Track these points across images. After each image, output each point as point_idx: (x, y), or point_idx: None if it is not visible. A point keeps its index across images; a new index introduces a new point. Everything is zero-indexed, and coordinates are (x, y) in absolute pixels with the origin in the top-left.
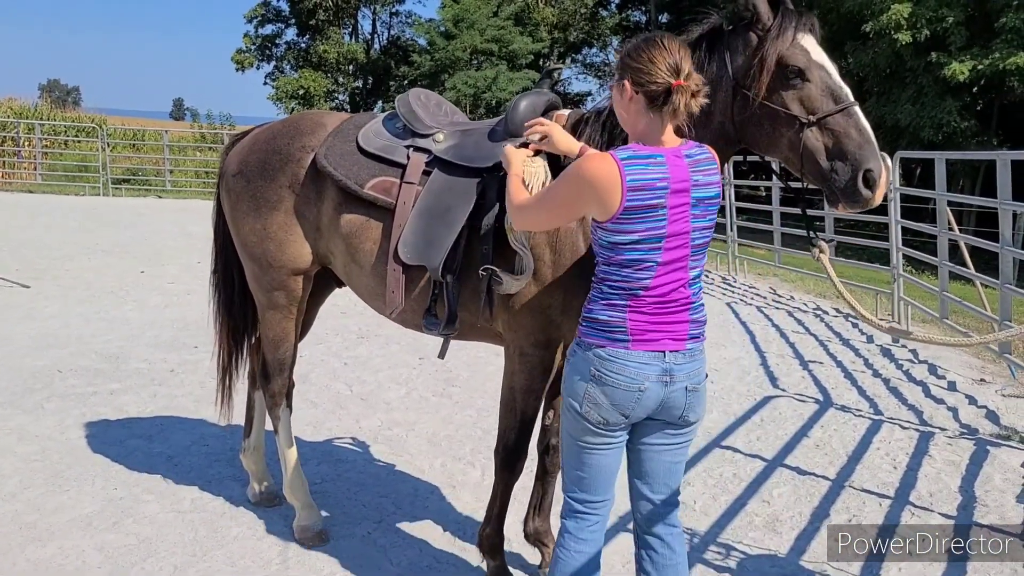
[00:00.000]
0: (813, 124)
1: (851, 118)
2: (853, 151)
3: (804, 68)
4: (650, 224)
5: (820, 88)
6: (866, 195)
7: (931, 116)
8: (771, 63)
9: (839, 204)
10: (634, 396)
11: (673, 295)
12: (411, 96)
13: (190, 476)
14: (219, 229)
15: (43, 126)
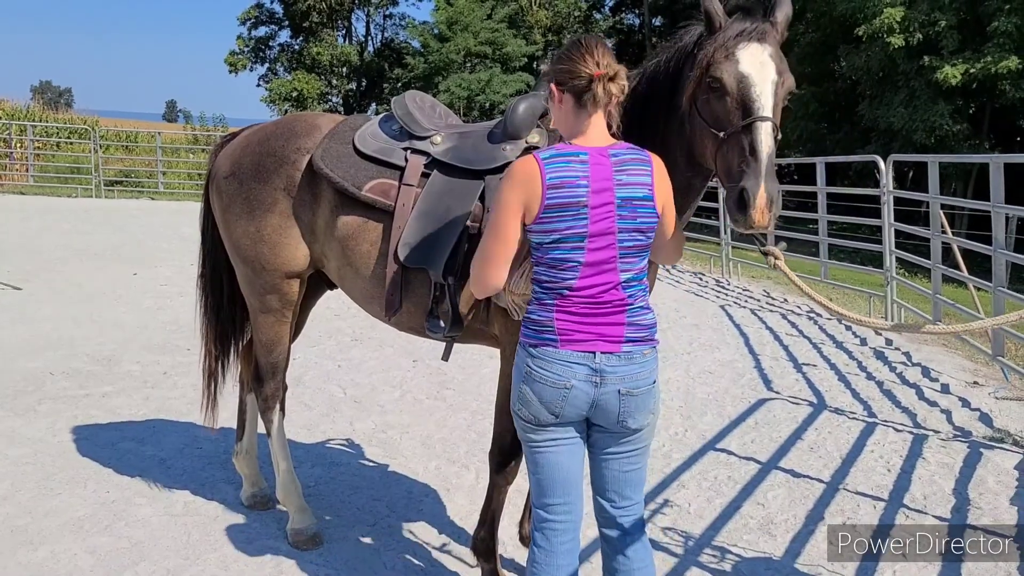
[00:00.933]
0: (724, 140)
1: (749, 135)
2: (738, 169)
3: (723, 79)
4: (570, 223)
5: (736, 101)
6: (738, 218)
7: (924, 119)
8: (697, 71)
9: (732, 222)
10: (560, 394)
11: (604, 296)
12: (407, 98)
13: (183, 479)
14: (207, 231)
15: (35, 128)
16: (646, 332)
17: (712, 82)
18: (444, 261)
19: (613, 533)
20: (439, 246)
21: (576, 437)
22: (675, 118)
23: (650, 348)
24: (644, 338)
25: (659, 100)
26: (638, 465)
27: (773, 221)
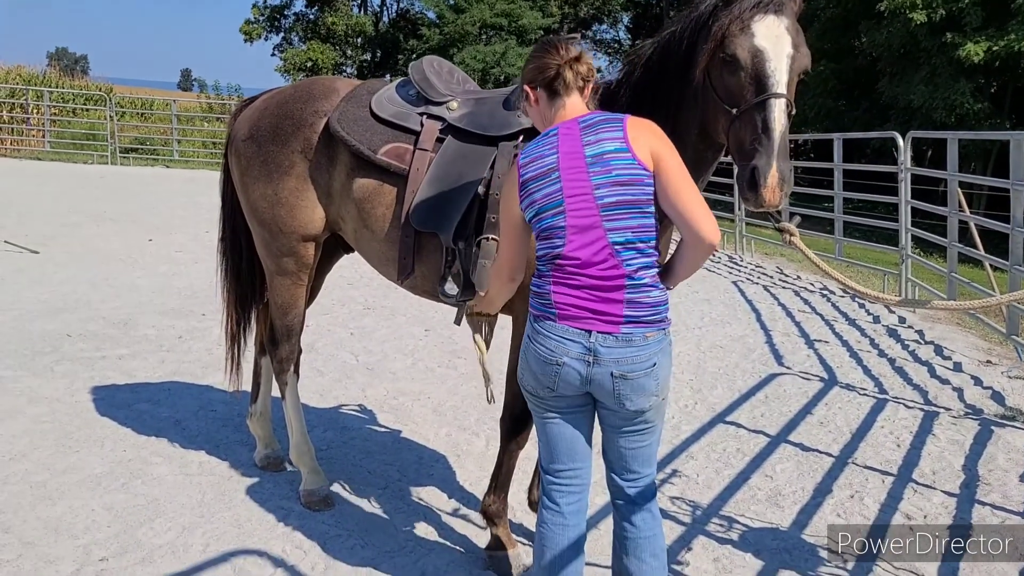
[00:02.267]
0: (737, 116)
1: (762, 112)
2: (750, 147)
3: (737, 55)
4: (546, 189)
5: (749, 76)
6: (748, 196)
7: (944, 97)
8: (711, 44)
9: (742, 199)
10: (552, 369)
11: (599, 265)
12: (425, 63)
13: (198, 440)
14: (227, 196)
15: (51, 94)
16: (648, 311)
17: (726, 56)
18: (455, 226)
19: (621, 503)
20: (450, 211)
21: (581, 409)
22: (688, 90)
23: (655, 331)
24: (647, 319)
25: (672, 72)
26: (645, 443)
27: (785, 200)
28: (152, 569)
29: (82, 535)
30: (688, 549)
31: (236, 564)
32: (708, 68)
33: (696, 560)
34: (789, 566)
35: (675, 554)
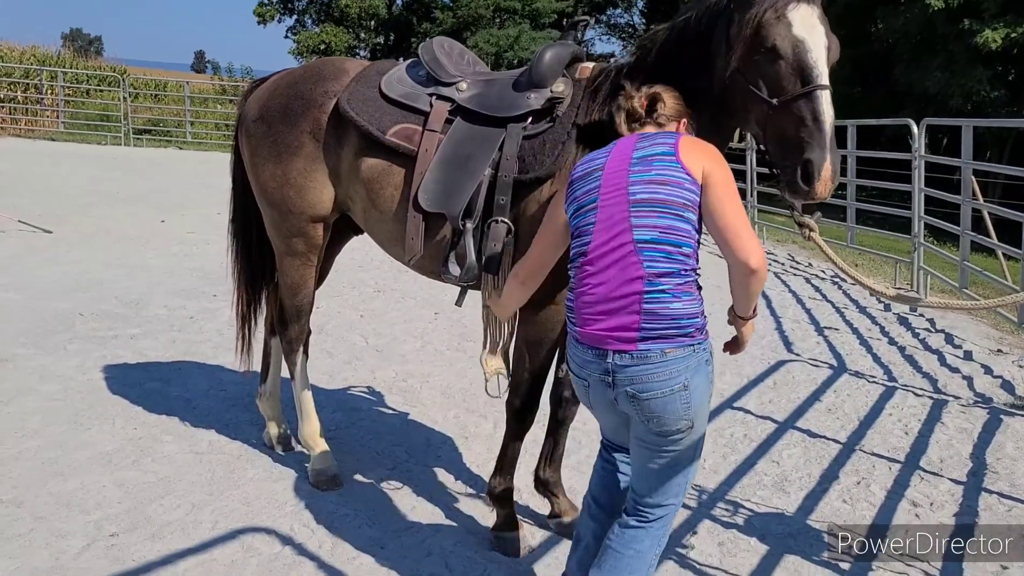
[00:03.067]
0: (778, 107)
1: (811, 103)
2: (801, 139)
3: (777, 44)
4: (587, 187)
5: (791, 67)
6: (802, 188)
7: (961, 84)
8: (747, 32)
9: (785, 193)
10: (582, 387)
11: (619, 269)
12: (435, 44)
13: (207, 419)
14: (238, 177)
15: (66, 74)
16: (668, 324)
17: (763, 46)
18: (462, 207)
19: (623, 514)
20: (457, 192)
21: (623, 423)
22: (704, 77)
23: (676, 347)
24: (666, 333)
25: (688, 57)
26: (664, 462)
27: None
28: (162, 545)
29: (93, 511)
30: (693, 533)
31: (245, 541)
32: (743, 57)
33: (701, 544)
34: (794, 551)
35: (680, 537)
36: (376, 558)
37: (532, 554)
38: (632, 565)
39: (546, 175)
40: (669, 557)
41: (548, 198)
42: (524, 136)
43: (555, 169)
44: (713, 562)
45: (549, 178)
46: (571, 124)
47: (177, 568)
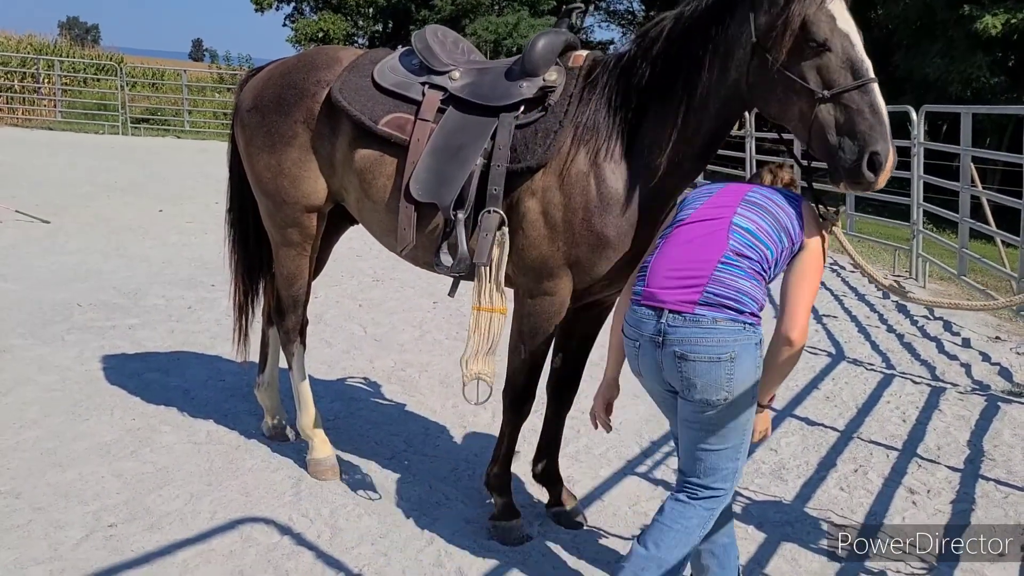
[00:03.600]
0: (828, 99)
1: (867, 95)
2: (863, 131)
3: (827, 37)
4: (700, 198)
5: (840, 60)
6: (869, 177)
7: (960, 71)
8: (795, 26)
9: (840, 182)
10: (633, 349)
11: (705, 228)
12: (428, 32)
13: (206, 409)
14: (234, 167)
15: (63, 63)
16: (730, 294)
17: (814, 39)
18: (454, 197)
19: (676, 491)
20: (449, 182)
21: (669, 397)
22: (719, 67)
23: (728, 318)
24: (724, 302)
25: (698, 47)
26: (712, 446)
27: None
28: (160, 535)
29: (91, 501)
30: None
31: (243, 531)
32: (787, 50)
33: None
34: (791, 539)
35: None
36: (375, 547)
37: (530, 543)
38: (677, 539)
39: (538, 164)
40: None
41: (542, 189)
42: (516, 125)
43: (547, 158)
44: None
45: (541, 167)
46: (563, 113)
47: (176, 558)
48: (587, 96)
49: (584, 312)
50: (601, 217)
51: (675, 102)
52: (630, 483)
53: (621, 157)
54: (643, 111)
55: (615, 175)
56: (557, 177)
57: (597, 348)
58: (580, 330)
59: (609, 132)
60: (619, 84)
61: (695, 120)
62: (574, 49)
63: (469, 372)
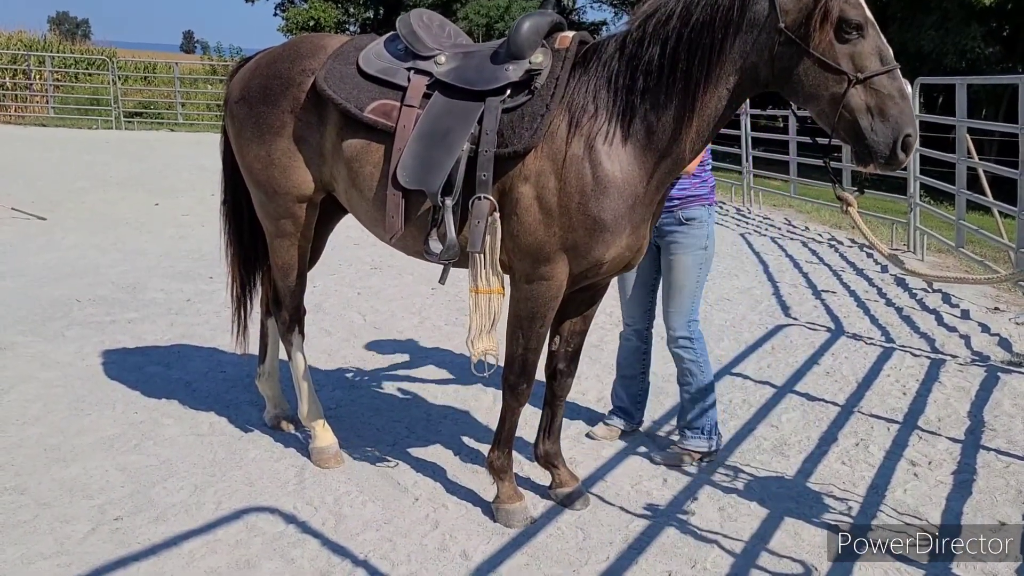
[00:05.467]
0: (860, 82)
1: (895, 81)
2: (895, 114)
3: (862, 24)
4: None
5: (872, 45)
6: (902, 158)
7: (955, 42)
8: (835, 16)
9: (871, 164)
10: None
11: None
12: (413, 17)
13: (208, 401)
14: (227, 159)
15: (54, 59)
16: None
17: (849, 24)
18: (441, 183)
19: None
20: (436, 168)
21: None
22: (736, 46)
23: None
24: None
25: (719, 26)
26: None
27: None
28: (166, 527)
29: (97, 495)
30: (694, 499)
31: (248, 521)
32: (821, 34)
33: (701, 509)
34: (794, 514)
35: (681, 504)
36: (380, 533)
37: (534, 525)
38: None
39: (525, 148)
40: (670, 523)
41: (535, 174)
42: (503, 109)
43: (534, 143)
44: (714, 527)
45: (528, 151)
46: (550, 96)
47: (182, 549)
48: (580, 78)
49: (580, 294)
50: (598, 201)
51: (687, 84)
52: (632, 463)
53: (621, 140)
54: (647, 93)
55: (612, 159)
56: (551, 161)
57: (595, 330)
58: (576, 312)
59: (609, 115)
60: (622, 66)
61: (706, 102)
62: (561, 30)
63: (476, 351)
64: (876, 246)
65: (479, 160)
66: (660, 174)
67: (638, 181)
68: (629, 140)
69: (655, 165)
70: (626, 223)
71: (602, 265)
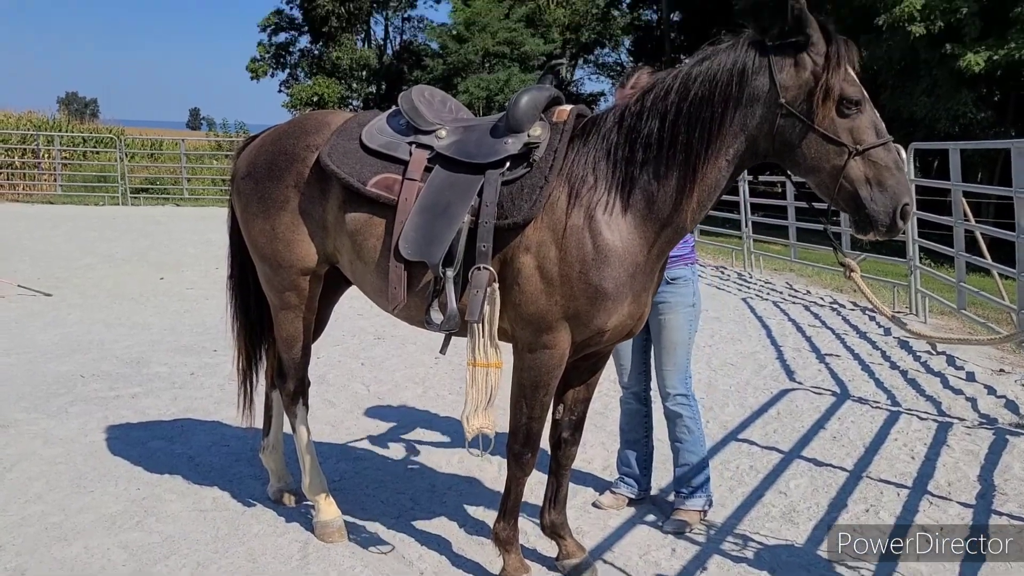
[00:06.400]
0: (859, 154)
1: (891, 152)
2: (893, 184)
3: (860, 100)
4: None
5: (868, 120)
6: (901, 226)
7: (947, 108)
8: (837, 93)
9: (871, 232)
10: None
11: None
12: (414, 93)
13: (211, 476)
14: (233, 233)
15: (62, 138)
16: None
17: (850, 100)
18: (442, 254)
19: None
20: (437, 240)
21: None
22: (736, 119)
23: None
24: None
25: (719, 101)
26: None
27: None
28: None
29: (98, 574)
30: (703, 569)
31: None
32: (824, 112)
33: None
34: None
35: (691, 575)
36: None
37: None
38: None
39: (524, 220)
40: None
41: (536, 244)
42: (503, 182)
43: (533, 214)
44: None
45: (528, 222)
46: (548, 168)
47: None
48: (579, 150)
49: (583, 362)
50: (599, 270)
51: (688, 156)
52: (640, 532)
53: (621, 210)
54: (647, 164)
55: (612, 228)
56: (552, 231)
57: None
58: (579, 380)
59: (609, 186)
60: (621, 138)
61: (706, 173)
62: (559, 104)
63: (471, 428)
64: (879, 309)
65: (479, 231)
66: (661, 243)
67: (638, 250)
68: (629, 210)
69: (656, 234)
70: (627, 291)
71: (604, 333)
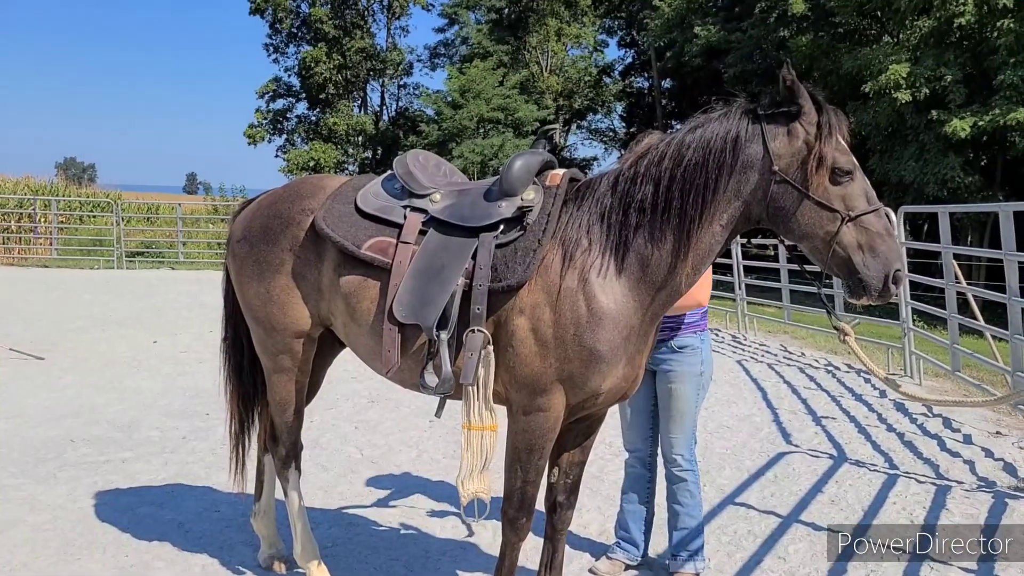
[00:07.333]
0: (851, 220)
1: (882, 219)
2: (884, 251)
3: (852, 169)
4: None
5: (860, 187)
6: (893, 291)
7: (935, 172)
8: (829, 162)
9: (864, 297)
10: None
11: None
12: (409, 157)
13: (201, 542)
14: (228, 296)
15: (59, 202)
16: None
17: (842, 169)
18: (436, 317)
19: None
20: (431, 303)
21: None
22: (730, 185)
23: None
24: None
25: (712, 167)
26: None
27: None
28: None
29: None
30: None
31: None
32: (818, 180)
33: None
34: None
35: None
36: None
37: None
38: None
39: (518, 283)
40: None
41: (530, 306)
42: (496, 245)
43: (527, 277)
44: None
45: (522, 285)
46: (542, 231)
47: None
48: (572, 213)
49: (577, 424)
50: (593, 333)
51: (681, 221)
52: None
53: (615, 273)
54: (642, 229)
55: (606, 291)
56: (546, 294)
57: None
58: (574, 443)
59: (602, 249)
60: (615, 202)
61: (700, 237)
62: (552, 168)
63: (466, 492)
64: (873, 371)
65: (473, 294)
66: (656, 306)
67: (632, 313)
68: (623, 273)
69: (651, 297)
70: (622, 354)
71: (599, 396)
